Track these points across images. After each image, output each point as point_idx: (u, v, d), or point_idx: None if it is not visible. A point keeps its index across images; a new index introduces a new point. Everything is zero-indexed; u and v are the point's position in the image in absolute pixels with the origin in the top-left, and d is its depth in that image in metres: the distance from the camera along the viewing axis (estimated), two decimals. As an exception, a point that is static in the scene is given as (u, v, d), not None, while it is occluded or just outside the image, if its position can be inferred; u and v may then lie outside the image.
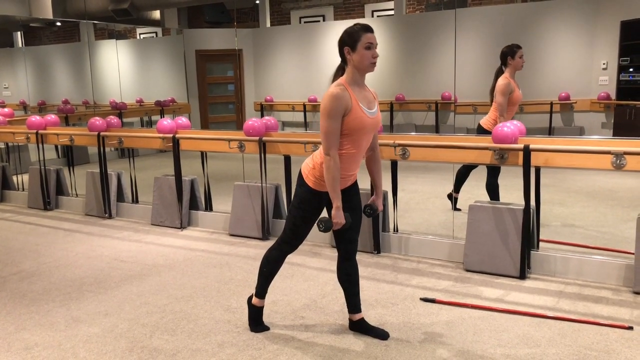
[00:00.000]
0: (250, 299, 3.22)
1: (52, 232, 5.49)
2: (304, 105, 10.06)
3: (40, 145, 6.33)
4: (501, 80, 4.80)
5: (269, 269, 3.10)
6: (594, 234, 4.76)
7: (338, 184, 2.77)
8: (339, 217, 2.79)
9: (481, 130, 4.98)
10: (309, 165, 2.93)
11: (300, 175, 2.97)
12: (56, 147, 8.90)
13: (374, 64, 2.77)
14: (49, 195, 6.46)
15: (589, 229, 4.89)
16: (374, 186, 3.10)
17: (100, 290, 3.89)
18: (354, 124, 2.75)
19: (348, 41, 2.76)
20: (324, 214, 2.98)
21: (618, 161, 3.57)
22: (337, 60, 2.88)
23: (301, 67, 10.19)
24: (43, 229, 5.62)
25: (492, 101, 4.95)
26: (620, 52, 7.48)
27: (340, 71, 2.86)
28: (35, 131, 6.35)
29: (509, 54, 4.81)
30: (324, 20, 10.82)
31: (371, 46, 2.74)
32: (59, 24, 10.47)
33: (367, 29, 2.76)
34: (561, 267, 3.89)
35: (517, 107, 4.90)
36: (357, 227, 3.02)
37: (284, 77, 10.51)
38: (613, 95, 7.65)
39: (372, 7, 10.31)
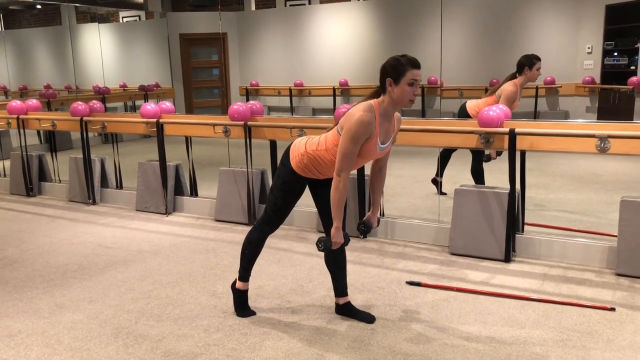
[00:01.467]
0: (234, 283, 3.21)
1: (35, 219, 5.43)
2: (290, 90, 9.99)
3: (22, 131, 6.24)
4: (510, 87, 4.66)
5: (250, 250, 3.09)
6: (578, 217, 4.80)
7: (343, 204, 2.73)
8: (338, 237, 2.76)
9: (464, 114, 4.97)
10: (300, 149, 2.88)
11: (287, 154, 2.93)
12: (38, 132, 8.77)
13: (413, 101, 2.67)
14: (32, 181, 6.38)
15: (573, 212, 4.93)
16: (372, 203, 3.03)
17: (85, 276, 3.86)
18: (363, 153, 2.72)
19: (392, 74, 2.64)
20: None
21: (602, 144, 3.59)
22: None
23: (287, 51, 10.11)
24: (26, 216, 5.55)
25: (491, 93, 4.87)
26: (605, 37, 7.51)
27: (375, 94, 2.75)
28: (16, 116, 6.25)
29: (526, 64, 4.68)
30: (309, 3, 10.71)
31: (415, 83, 2.63)
32: (39, 6, 10.26)
33: (414, 64, 2.63)
34: (545, 250, 3.93)
35: None
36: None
37: (269, 61, 10.42)
38: (598, 79, 7.69)
39: (358, -9, 10.22)
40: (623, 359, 2.63)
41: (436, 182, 5.46)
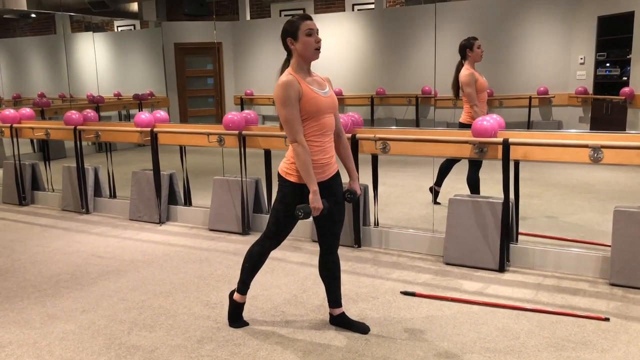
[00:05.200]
0: (232, 294, 3.19)
1: (28, 228, 5.39)
2: (285, 99, 9.98)
3: (15, 139, 6.21)
4: (463, 72, 4.89)
5: (251, 264, 3.07)
6: (571, 226, 4.81)
7: (311, 168, 2.76)
8: (316, 201, 2.76)
9: (462, 126, 5.00)
10: (285, 163, 2.91)
11: (279, 177, 2.94)
12: (32, 141, 8.74)
13: (319, 49, 2.80)
14: (24, 190, 6.34)
15: (566, 222, 4.94)
16: (348, 171, 3.09)
17: (77, 286, 3.83)
18: (310, 106, 2.77)
19: (290, 31, 2.80)
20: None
21: (595, 155, 3.60)
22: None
23: (281, 60, 10.13)
24: (18, 225, 5.52)
25: (456, 95, 5.03)
26: (597, 47, 7.57)
27: (286, 64, 2.89)
28: (9, 125, 6.22)
29: (467, 47, 4.91)
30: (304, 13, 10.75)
31: (312, 32, 2.78)
32: (33, 15, 10.26)
33: (306, 17, 2.81)
34: (539, 259, 3.93)
35: (486, 93, 4.97)
36: (341, 221, 3.00)
37: (264, 70, 10.44)
38: (590, 90, 7.74)
39: (353, 1, 10.27)
40: (617, 370, 2.63)
41: (433, 190, 5.46)
